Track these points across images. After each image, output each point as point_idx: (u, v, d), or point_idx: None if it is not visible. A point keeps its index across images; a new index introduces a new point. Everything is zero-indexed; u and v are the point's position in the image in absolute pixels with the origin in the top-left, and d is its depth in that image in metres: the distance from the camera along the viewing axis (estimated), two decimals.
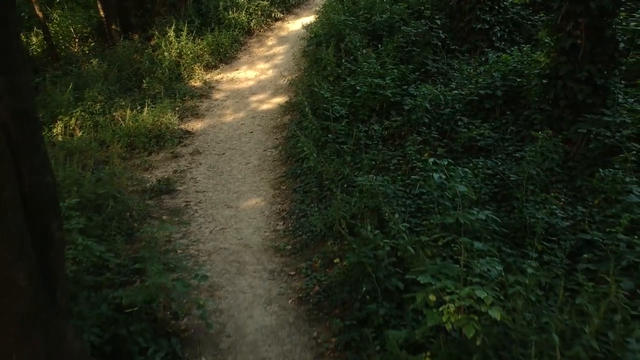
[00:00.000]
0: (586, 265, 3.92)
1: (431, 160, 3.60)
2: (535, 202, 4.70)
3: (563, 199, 5.05)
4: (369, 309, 3.88)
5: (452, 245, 4.03)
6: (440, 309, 2.96)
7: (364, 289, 3.95)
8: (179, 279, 3.89)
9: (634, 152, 4.66)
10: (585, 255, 4.05)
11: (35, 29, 11.17)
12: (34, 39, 11.17)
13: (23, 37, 11.25)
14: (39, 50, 11.06)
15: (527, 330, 2.91)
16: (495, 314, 2.79)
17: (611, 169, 4.63)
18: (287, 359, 3.81)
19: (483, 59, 7.51)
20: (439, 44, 7.88)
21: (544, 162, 5.23)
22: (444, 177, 3.41)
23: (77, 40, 11.20)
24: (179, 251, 5.12)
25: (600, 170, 4.60)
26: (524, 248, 4.29)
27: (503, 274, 3.13)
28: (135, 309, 3.71)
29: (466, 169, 4.37)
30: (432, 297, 3.05)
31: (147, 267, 3.91)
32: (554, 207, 4.72)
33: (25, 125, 2.77)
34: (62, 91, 8.18)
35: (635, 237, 3.94)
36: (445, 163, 3.47)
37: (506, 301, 3.21)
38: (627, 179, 4.57)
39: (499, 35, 7.91)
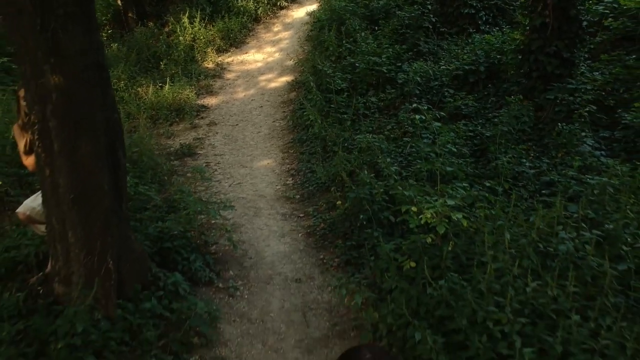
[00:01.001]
0: (543, 199, 4.78)
1: (414, 105, 4.46)
2: (506, 153, 5.56)
3: (532, 154, 5.92)
4: (366, 233, 4.75)
5: (435, 187, 4.90)
6: (420, 216, 3.83)
7: (361, 217, 4.82)
8: (211, 208, 4.77)
9: (587, 109, 5.51)
10: (544, 191, 4.93)
11: None
12: None
13: None
14: None
15: (484, 230, 3.77)
16: (459, 216, 3.67)
17: (570, 125, 5.51)
18: (299, 273, 4.69)
19: (469, 40, 8.36)
20: (430, 27, 8.74)
21: (517, 123, 6.12)
22: (424, 117, 4.27)
23: None
24: (203, 199, 5.97)
25: (559, 124, 5.47)
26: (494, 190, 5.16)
27: (469, 190, 4.00)
28: (175, 232, 4.59)
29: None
30: (414, 209, 3.92)
31: (184, 200, 4.77)
32: (523, 159, 5.61)
33: (100, 72, 3.62)
34: None
35: (587, 176, 4.81)
36: (425, 107, 4.34)
37: (473, 217, 4.10)
38: (583, 133, 5.45)
39: (484, 19, 8.76)
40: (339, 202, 5.52)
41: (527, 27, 6.73)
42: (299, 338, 3.91)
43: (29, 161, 3.54)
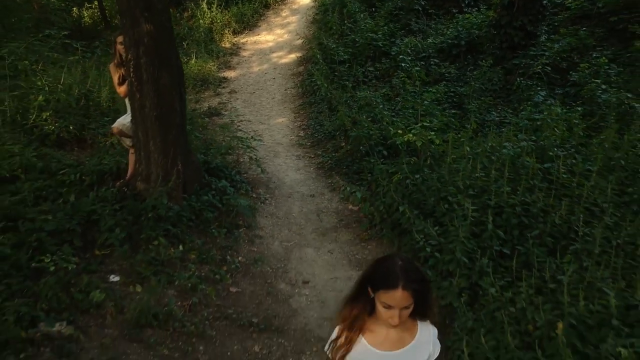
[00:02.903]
0: (500, 132, 6.13)
1: (400, 56, 5.80)
2: (476, 103, 6.92)
3: (499, 108, 7.27)
4: (365, 161, 6.11)
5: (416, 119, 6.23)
6: (405, 136, 5.19)
7: (361, 148, 6.18)
8: (244, 139, 6.13)
9: (540, 67, 6.86)
10: (503, 129, 6.27)
11: (86, 4, 13.34)
12: (85, 13, 13.34)
13: (76, 10, 13.43)
14: (89, 21, 13.23)
15: (449, 147, 5.12)
16: (432, 134, 5.02)
17: (528, 81, 6.86)
18: (313, 191, 6.04)
19: (454, 20, 9.70)
20: (420, 9, 10.08)
21: (489, 83, 7.47)
22: (408, 65, 5.61)
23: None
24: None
25: (518, 79, 6.82)
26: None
27: (440, 116, 5.35)
28: (217, 160, 5.94)
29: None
30: (399, 132, 5.28)
31: (226, 132, 6.12)
32: (492, 110, 6.96)
33: (170, 28, 4.96)
34: None
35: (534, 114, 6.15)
36: (409, 58, 5.68)
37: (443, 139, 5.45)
38: (538, 87, 6.81)
39: (466, 2, 10.09)
40: (342, 144, 6.89)
41: (498, 5, 8.07)
42: (314, 227, 5.27)
43: (121, 89, 4.87)
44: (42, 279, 3.75)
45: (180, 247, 4.44)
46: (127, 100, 5.00)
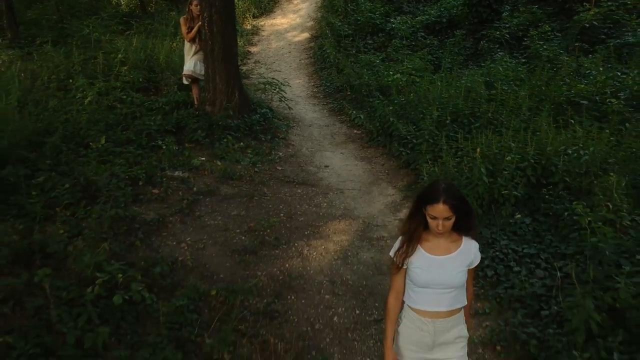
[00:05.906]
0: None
1: (392, 24, 7.90)
2: (449, 60, 9.03)
3: (469, 67, 9.37)
4: (365, 100, 8.21)
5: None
6: (394, 76, 7.29)
7: (363, 91, 8.28)
8: (276, 84, 8.25)
9: (498, 33, 8.98)
10: None
11: None
12: (122, 1, 15.43)
13: None
14: (126, 9, 15.31)
15: (425, 80, 7.22)
16: (417, 79, 7.13)
17: (490, 44, 8.98)
18: (327, 123, 8.14)
19: (438, 2, 11.81)
20: None
21: (463, 49, 9.58)
22: (397, 27, 7.71)
23: (153, 1, 15.44)
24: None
25: (481, 42, 8.94)
26: None
27: (418, 63, 7.46)
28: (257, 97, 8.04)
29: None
30: (390, 73, 7.38)
31: (261, 82, 8.22)
32: (463, 68, 9.07)
33: None
34: (162, 26, 12.42)
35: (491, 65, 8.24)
36: (399, 24, 7.77)
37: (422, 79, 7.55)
38: (497, 49, 8.93)
39: None
40: (348, 93, 9.01)
41: None
42: (330, 142, 7.38)
43: (188, 36, 6.91)
44: (159, 152, 5.88)
45: (241, 144, 6.54)
46: (186, 51, 7.05)
